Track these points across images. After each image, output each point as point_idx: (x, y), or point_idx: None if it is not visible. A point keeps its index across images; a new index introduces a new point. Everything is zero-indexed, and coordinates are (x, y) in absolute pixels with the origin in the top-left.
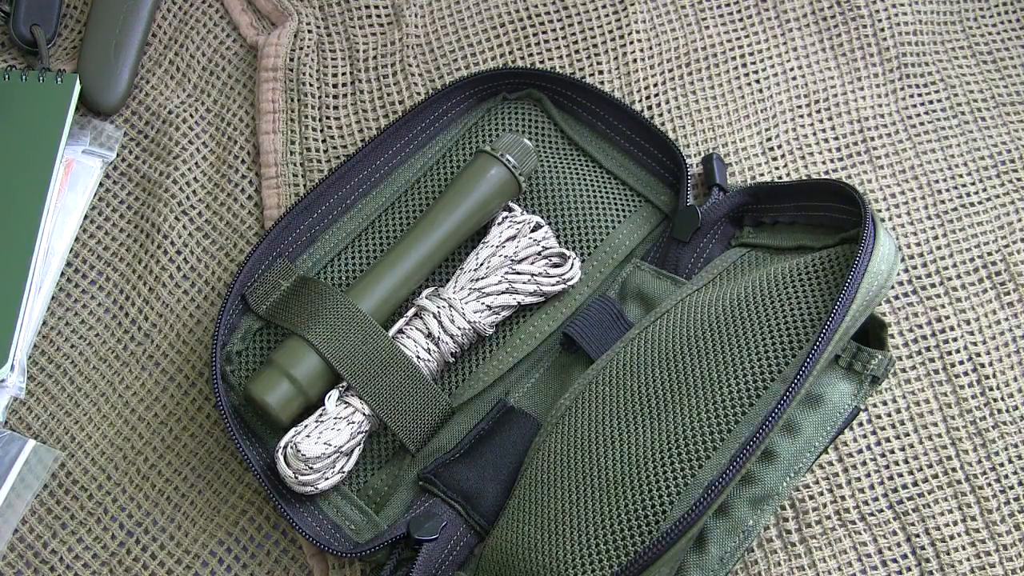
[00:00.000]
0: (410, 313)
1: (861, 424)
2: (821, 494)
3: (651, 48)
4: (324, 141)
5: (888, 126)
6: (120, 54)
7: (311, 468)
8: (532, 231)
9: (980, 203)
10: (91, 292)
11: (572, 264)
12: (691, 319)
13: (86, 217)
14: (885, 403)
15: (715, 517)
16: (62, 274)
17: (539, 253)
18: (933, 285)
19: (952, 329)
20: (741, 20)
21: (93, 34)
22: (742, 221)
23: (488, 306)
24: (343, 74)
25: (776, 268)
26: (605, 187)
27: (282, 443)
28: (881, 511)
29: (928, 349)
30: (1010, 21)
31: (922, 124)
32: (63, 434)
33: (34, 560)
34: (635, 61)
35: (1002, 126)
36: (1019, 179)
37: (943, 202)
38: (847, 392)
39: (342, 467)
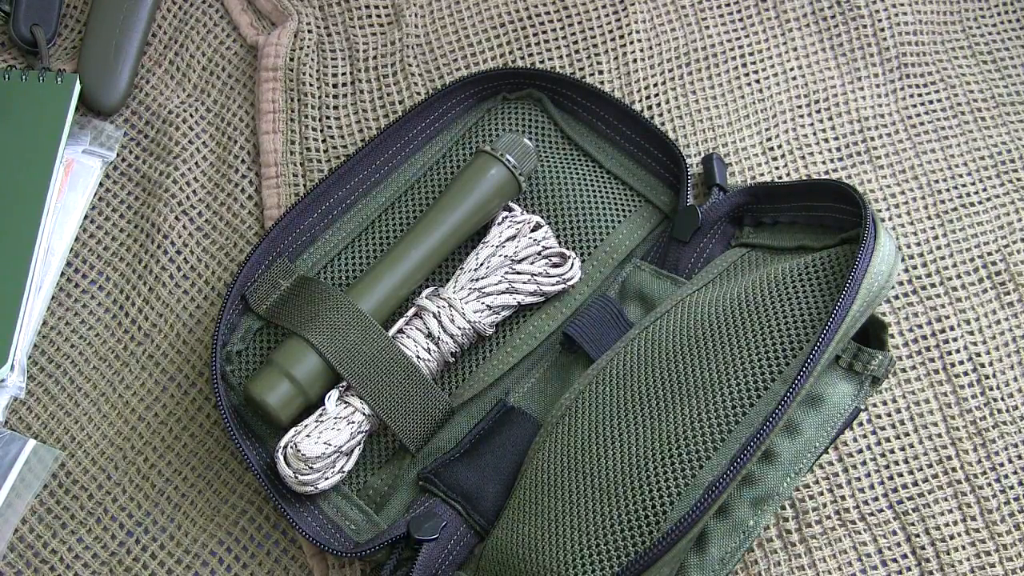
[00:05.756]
0: (410, 313)
1: (861, 424)
2: (821, 494)
3: (651, 48)
4: (324, 141)
5: (888, 126)
6: (120, 54)
7: (311, 468)
8: (532, 231)
9: (980, 203)
10: (91, 292)
11: (572, 264)
12: (691, 319)
13: (86, 217)
14: (885, 403)
15: (715, 517)
16: (62, 274)
17: (539, 253)
18: (933, 285)
19: (952, 329)
20: (741, 20)
21: (93, 34)
22: (742, 221)
23: (488, 306)
24: (343, 74)
25: (776, 268)
26: (605, 187)
27: (282, 443)
28: (881, 511)
29: (928, 349)
30: (1010, 21)
31: (922, 124)
32: (63, 434)
33: (34, 560)
34: (635, 61)
35: (1002, 126)
36: (1019, 179)
37: (943, 202)
38: (848, 392)
39: (342, 467)
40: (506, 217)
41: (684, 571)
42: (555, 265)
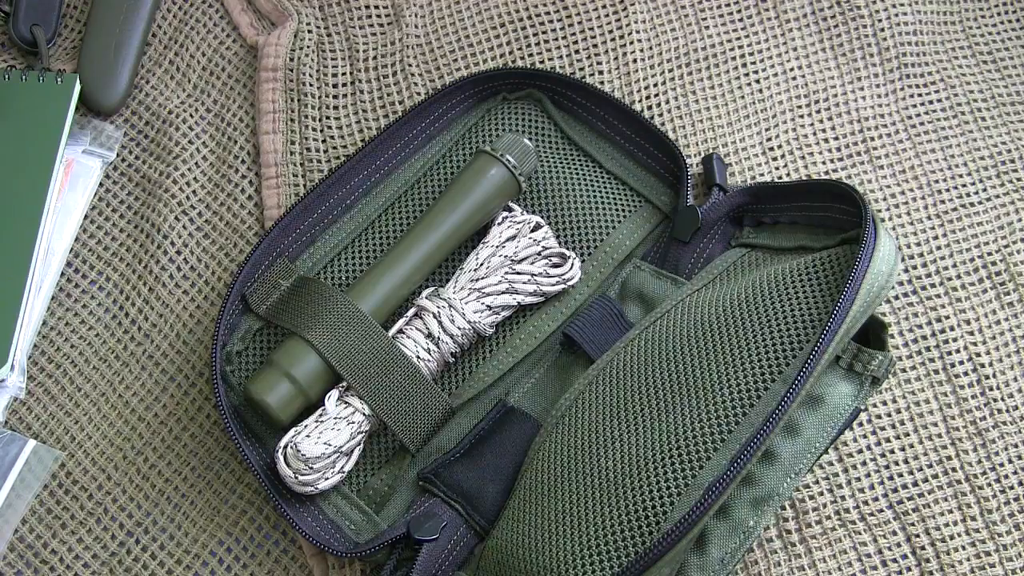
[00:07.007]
0: (410, 313)
1: (861, 424)
2: (821, 494)
3: (651, 48)
4: (324, 141)
5: (888, 126)
6: (120, 54)
7: (311, 468)
8: (532, 231)
9: (980, 203)
10: (91, 292)
11: (572, 264)
12: (691, 319)
13: (86, 217)
14: (885, 403)
15: (716, 518)
16: (62, 274)
17: (539, 253)
18: (933, 285)
19: (952, 329)
20: (741, 20)
21: (93, 34)
22: (742, 221)
23: (488, 306)
24: (343, 74)
25: (776, 268)
26: (605, 187)
27: (282, 443)
28: (881, 511)
29: (928, 349)
30: (1010, 21)
31: (922, 124)
32: (63, 434)
33: (34, 560)
34: (635, 61)
35: (1002, 126)
36: (1019, 179)
37: (943, 202)
38: (848, 393)
39: (342, 467)
40: (506, 217)
41: (684, 571)
42: (555, 265)
